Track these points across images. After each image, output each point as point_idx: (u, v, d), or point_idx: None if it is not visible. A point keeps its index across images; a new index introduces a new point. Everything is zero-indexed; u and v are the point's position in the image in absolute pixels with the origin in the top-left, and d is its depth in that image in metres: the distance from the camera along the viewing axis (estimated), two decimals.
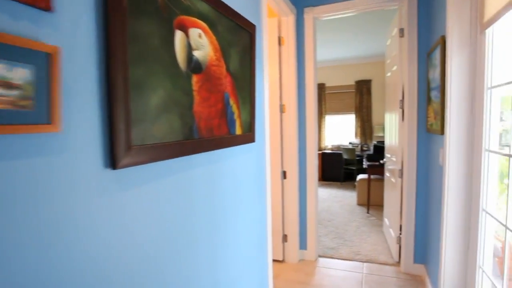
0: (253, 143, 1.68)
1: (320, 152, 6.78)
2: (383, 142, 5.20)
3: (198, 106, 1.08)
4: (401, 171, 2.66)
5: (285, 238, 2.75)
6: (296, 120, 2.69)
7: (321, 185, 6.31)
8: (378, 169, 4.16)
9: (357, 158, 6.18)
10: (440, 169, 2.03)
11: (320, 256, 2.92)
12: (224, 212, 1.34)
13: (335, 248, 3.11)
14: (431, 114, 2.29)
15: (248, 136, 1.55)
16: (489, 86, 1.63)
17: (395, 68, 2.88)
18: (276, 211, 2.72)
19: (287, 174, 2.69)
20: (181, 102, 0.99)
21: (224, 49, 1.28)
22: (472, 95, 1.75)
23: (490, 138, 1.64)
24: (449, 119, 1.81)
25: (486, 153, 1.65)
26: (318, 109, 7.00)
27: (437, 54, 2.08)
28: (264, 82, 1.85)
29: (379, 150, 4.52)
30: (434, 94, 2.16)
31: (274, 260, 2.78)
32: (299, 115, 2.74)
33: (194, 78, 1.06)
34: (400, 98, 2.65)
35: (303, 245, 2.84)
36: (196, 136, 1.08)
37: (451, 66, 1.80)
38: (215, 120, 1.21)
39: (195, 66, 1.07)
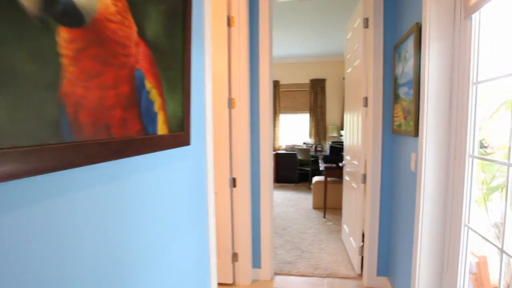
0: (187, 147, 1.23)
1: (274, 152, 6.50)
2: (338, 143, 5.05)
3: (73, 84, 0.61)
4: (365, 175, 2.40)
5: (235, 257, 2.34)
6: (248, 117, 2.29)
7: (274, 187, 6.02)
8: (335, 172, 3.95)
9: (312, 159, 6.00)
10: (412, 176, 1.78)
11: (276, 274, 2.56)
12: (139, 253, 0.87)
13: (292, 262, 2.77)
14: (399, 114, 2.04)
15: (180, 136, 1.10)
16: (474, 81, 1.38)
17: (357, 63, 2.62)
18: (224, 226, 2.29)
19: (237, 182, 2.28)
20: (28, 74, 0.51)
21: (134, 0, 0.81)
22: (453, 91, 1.50)
23: (475, 142, 1.40)
24: (425, 119, 1.55)
25: (470, 159, 1.40)
26: (273, 107, 6.71)
27: (408, 45, 1.82)
28: (206, 66, 1.41)
29: (336, 151, 4.33)
30: (405, 91, 1.91)
31: (222, 284, 2.35)
32: (252, 111, 2.34)
33: (64, 34, 0.59)
34: (364, 95, 2.39)
35: (256, 263, 2.46)
36: (70, 138, 0.61)
37: (429, 57, 1.53)
38: (115, 112, 0.74)
39: (65, 11, 0.59)
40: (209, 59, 1.45)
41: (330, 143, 5.29)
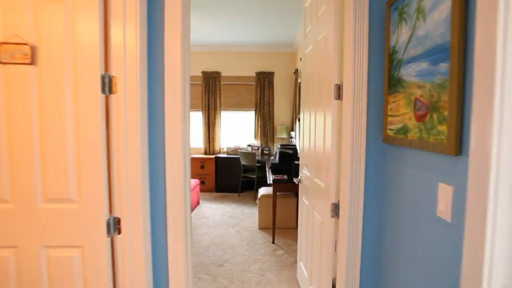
0: None
1: (214, 156, 5.51)
2: (288, 146, 4.25)
3: None
4: (337, 206, 1.55)
5: None
6: (141, 109, 1.28)
7: (214, 199, 5.03)
8: (286, 185, 3.11)
9: (258, 164, 5.14)
10: (442, 227, 0.95)
11: None
12: None
13: None
14: (402, 110, 1.22)
15: None
16: None
17: (322, 35, 1.77)
18: None
19: (123, 224, 1.26)
20: None
21: None
22: None
23: None
24: (497, 118, 0.72)
25: None
26: (213, 103, 5.71)
27: None
28: None
29: (286, 157, 3.50)
30: (419, 69, 1.08)
31: None
32: (151, 100, 1.34)
33: None
34: (336, 81, 1.54)
35: None
36: None
37: None
38: None
39: None
40: None
41: (279, 146, 4.48)
